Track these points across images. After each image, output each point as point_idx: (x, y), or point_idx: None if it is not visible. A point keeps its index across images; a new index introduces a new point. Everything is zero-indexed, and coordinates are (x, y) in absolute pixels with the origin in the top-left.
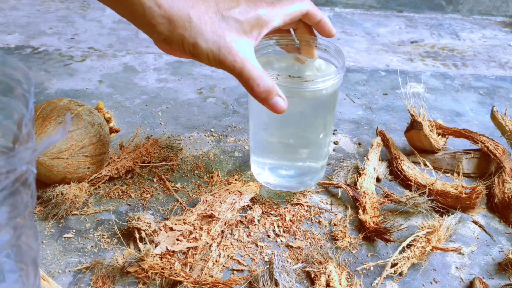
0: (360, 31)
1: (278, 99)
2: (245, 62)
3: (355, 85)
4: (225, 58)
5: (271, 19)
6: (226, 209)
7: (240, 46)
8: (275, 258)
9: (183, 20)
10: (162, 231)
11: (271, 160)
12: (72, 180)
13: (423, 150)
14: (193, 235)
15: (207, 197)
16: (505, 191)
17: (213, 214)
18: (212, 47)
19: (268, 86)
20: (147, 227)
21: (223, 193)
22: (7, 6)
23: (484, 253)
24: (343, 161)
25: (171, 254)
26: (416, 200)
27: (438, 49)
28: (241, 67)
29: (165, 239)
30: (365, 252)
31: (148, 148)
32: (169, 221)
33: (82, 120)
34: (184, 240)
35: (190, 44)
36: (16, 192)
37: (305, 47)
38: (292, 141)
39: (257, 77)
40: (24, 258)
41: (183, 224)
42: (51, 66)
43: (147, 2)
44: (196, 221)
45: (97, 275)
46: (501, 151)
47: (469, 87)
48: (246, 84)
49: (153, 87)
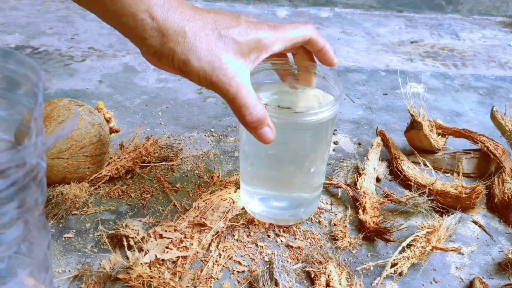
0: (360, 31)
1: (267, 129)
2: (240, 87)
3: (355, 85)
4: (218, 80)
5: (271, 44)
6: (219, 218)
7: (236, 69)
8: (275, 258)
9: (177, 34)
10: (152, 238)
11: (261, 190)
12: (72, 180)
13: (423, 150)
14: (184, 244)
15: (199, 204)
16: (505, 191)
17: (205, 223)
18: (205, 67)
19: (261, 115)
20: (136, 234)
21: (216, 199)
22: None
23: (484, 253)
24: (343, 161)
25: (160, 262)
26: (416, 200)
27: (438, 49)
28: (235, 92)
29: (154, 246)
30: (365, 252)
31: (148, 148)
32: (159, 227)
33: (82, 120)
34: (174, 249)
35: (180, 61)
36: (26, 187)
37: (304, 74)
38: (282, 172)
39: (250, 106)
40: (35, 254)
41: (173, 231)
42: (51, 66)
43: (140, 14)
44: (187, 229)
45: (87, 283)
46: (501, 151)
47: (469, 87)
48: (237, 111)
49: (153, 87)
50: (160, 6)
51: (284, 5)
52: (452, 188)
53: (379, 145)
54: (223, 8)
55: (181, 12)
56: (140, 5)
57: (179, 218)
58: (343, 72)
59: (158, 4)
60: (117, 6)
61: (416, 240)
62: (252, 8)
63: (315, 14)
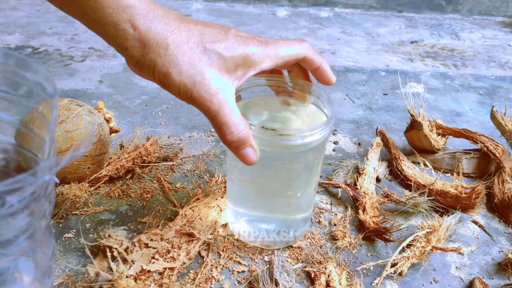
0: (360, 31)
1: (250, 150)
2: (222, 105)
3: (355, 85)
4: (199, 96)
5: (260, 61)
6: (207, 228)
7: (219, 85)
8: (275, 258)
9: (158, 45)
10: (136, 247)
11: (246, 211)
12: (72, 180)
13: (423, 150)
14: (171, 254)
15: (185, 211)
16: (504, 191)
17: (193, 234)
18: (186, 81)
19: (243, 135)
20: (119, 244)
21: (202, 207)
22: (8, 6)
23: (483, 253)
24: (343, 161)
25: (146, 274)
26: (416, 200)
27: (438, 49)
28: (217, 110)
29: (139, 257)
30: (365, 252)
31: (148, 148)
32: (144, 235)
33: (82, 120)
34: (161, 259)
35: (161, 73)
36: (37, 199)
37: (299, 93)
38: (267, 194)
39: (232, 125)
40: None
41: (159, 240)
42: (51, 66)
43: (121, 24)
44: (175, 238)
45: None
46: (501, 151)
47: (469, 87)
48: (218, 129)
49: (153, 87)
50: (143, 16)
51: (284, 5)
52: (452, 188)
53: (379, 145)
54: (223, 9)
55: (166, 22)
56: (122, 14)
57: (165, 226)
58: (343, 72)
59: (141, 14)
60: (98, 15)
61: (416, 240)
62: (252, 8)
63: (315, 14)
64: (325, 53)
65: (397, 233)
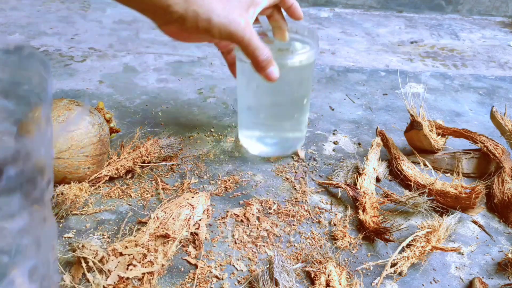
0: (360, 31)
1: (275, 68)
2: (253, 34)
3: (355, 85)
4: (236, 30)
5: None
6: (181, 227)
7: (245, 21)
8: (275, 258)
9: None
10: (111, 257)
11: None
12: (72, 180)
13: (423, 150)
14: (148, 258)
15: (157, 214)
16: (504, 191)
17: (168, 234)
18: (224, 21)
19: (269, 56)
20: (94, 255)
21: (174, 207)
22: (8, 7)
23: (483, 253)
24: (343, 161)
25: (126, 282)
26: (415, 200)
27: (437, 49)
28: (250, 38)
29: (115, 266)
30: (365, 252)
31: (148, 148)
32: (118, 244)
33: (83, 120)
34: (139, 265)
35: (203, 20)
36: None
37: (278, 30)
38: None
39: (262, 48)
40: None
41: (134, 247)
42: (52, 66)
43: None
44: (150, 242)
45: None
46: (501, 151)
47: (469, 87)
48: (252, 53)
49: (153, 87)
50: None
51: None
52: (452, 188)
53: (379, 145)
54: None
55: None
56: None
57: (138, 231)
58: (343, 72)
59: None
60: None
61: (416, 240)
62: None
63: (315, 14)
64: (325, 53)
65: (397, 233)
